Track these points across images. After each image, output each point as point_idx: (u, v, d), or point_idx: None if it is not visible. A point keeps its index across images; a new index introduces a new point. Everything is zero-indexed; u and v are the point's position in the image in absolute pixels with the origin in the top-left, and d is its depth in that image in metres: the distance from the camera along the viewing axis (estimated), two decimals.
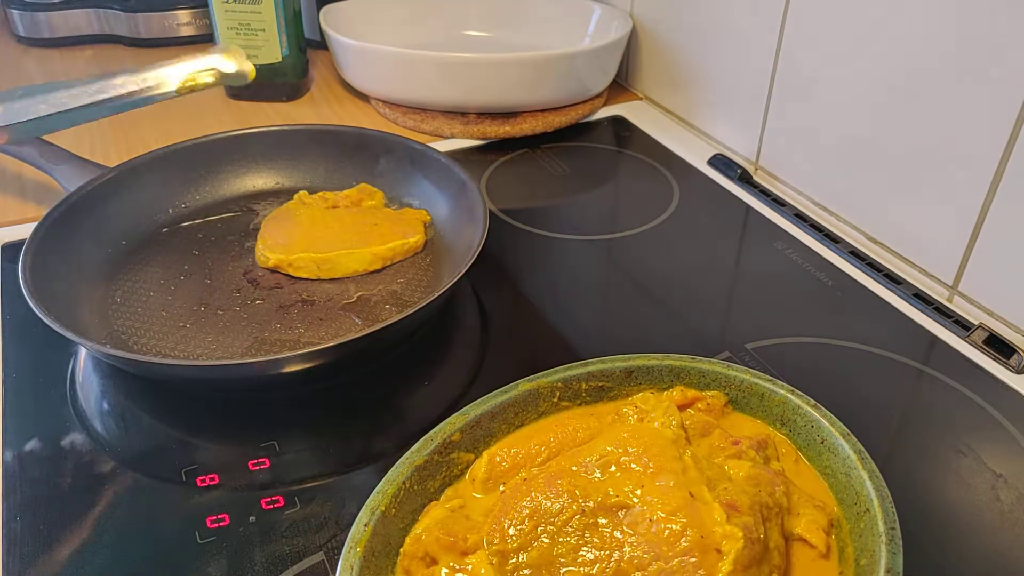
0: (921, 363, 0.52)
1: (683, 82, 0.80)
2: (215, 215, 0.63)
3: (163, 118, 0.80)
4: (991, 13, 0.50)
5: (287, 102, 0.84)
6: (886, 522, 0.34)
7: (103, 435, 0.46)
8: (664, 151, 0.77)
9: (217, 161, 0.64)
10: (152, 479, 0.43)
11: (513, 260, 0.61)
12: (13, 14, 0.94)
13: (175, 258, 0.58)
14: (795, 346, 0.53)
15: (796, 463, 0.40)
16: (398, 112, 0.79)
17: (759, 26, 0.68)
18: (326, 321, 0.53)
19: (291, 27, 0.81)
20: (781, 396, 0.41)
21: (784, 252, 0.62)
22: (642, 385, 0.43)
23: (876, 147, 0.60)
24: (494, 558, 0.34)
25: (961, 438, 0.46)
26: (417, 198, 0.64)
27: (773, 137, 0.71)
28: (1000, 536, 0.41)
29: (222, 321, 0.52)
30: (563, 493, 0.35)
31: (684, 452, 0.36)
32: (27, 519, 0.40)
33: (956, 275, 0.57)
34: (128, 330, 0.51)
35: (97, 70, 0.90)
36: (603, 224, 0.66)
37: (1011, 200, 0.52)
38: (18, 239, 0.60)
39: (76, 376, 0.49)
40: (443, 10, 0.93)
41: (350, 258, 0.56)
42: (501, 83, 0.75)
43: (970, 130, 0.53)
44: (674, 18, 0.80)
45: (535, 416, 0.42)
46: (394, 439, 0.45)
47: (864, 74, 0.60)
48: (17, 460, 0.44)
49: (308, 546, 0.39)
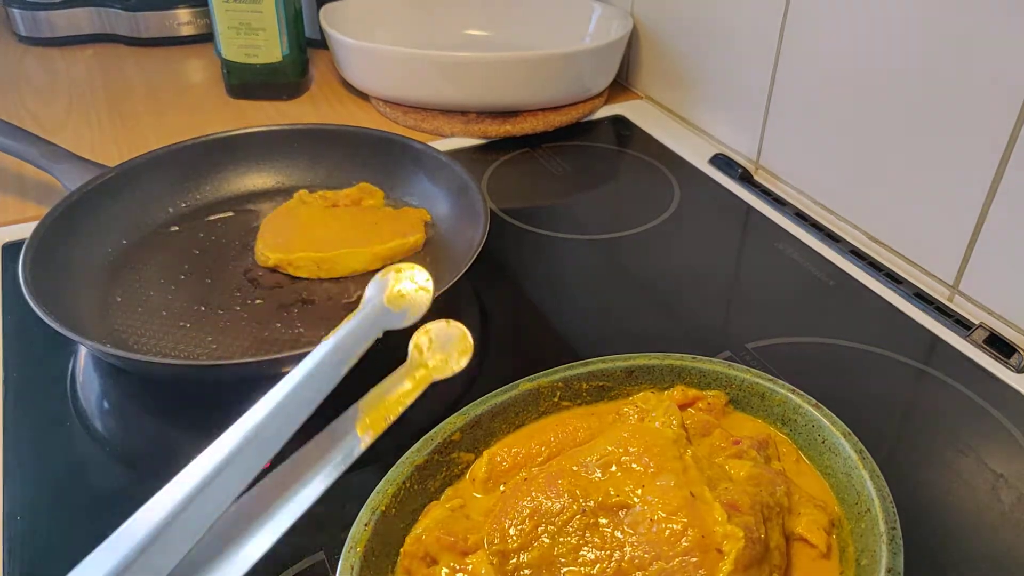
0: (922, 363, 0.52)
1: (684, 81, 0.80)
2: (215, 215, 0.63)
3: (163, 118, 0.80)
4: (991, 13, 0.50)
5: (287, 101, 0.84)
6: (887, 522, 0.34)
7: (103, 435, 0.46)
8: (665, 150, 0.77)
9: (217, 161, 0.64)
10: (152, 479, 0.43)
11: (513, 260, 0.61)
12: (14, 13, 0.94)
13: (175, 258, 0.58)
14: (796, 345, 0.53)
15: (797, 463, 0.40)
16: (398, 111, 0.79)
17: (760, 25, 0.68)
18: (326, 320, 0.53)
19: (291, 26, 0.81)
20: (782, 396, 0.41)
21: (785, 251, 0.62)
22: (643, 385, 0.43)
23: (877, 146, 0.60)
24: (494, 558, 0.34)
25: (961, 438, 0.46)
26: (417, 197, 0.64)
27: (774, 136, 0.71)
28: (1000, 536, 0.40)
29: (222, 321, 0.52)
30: (564, 493, 0.34)
31: (685, 452, 0.36)
32: (27, 519, 0.40)
33: (957, 274, 0.57)
34: (128, 330, 0.51)
35: (98, 69, 0.90)
36: (603, 224, 0.66)
37: (1011, 200, 0.52)
38: (18, 239, 0.60)
39: (76, 376, 0.49)
40: (443, 9, 0.93)
41: (350, 257, 0.56)
42: (501, 82, 0.75)
43: (970, 130, 0.53)
44: (675, 17, 0.80)
45: (536, 416, 0.42)
46: (394, 439, 0.45)
47: (864, 73, 0.60)
48: (17, 460, 0.43)
49: (308, 546, 0.39)
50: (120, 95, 0.85)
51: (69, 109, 0.82)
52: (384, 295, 0.35)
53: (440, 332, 0.35)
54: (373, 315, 0.35)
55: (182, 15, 0.96)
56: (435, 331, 0.35)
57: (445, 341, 0.35)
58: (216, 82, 0.87)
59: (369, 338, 0.35)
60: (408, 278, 0.35)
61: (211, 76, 0.89)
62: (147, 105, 0.83)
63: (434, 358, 0.35)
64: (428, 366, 0.34)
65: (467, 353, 0.34)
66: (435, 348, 0.35)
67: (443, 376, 0.34)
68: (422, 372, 0.34)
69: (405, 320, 0.34)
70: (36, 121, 0.79)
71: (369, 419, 0.33)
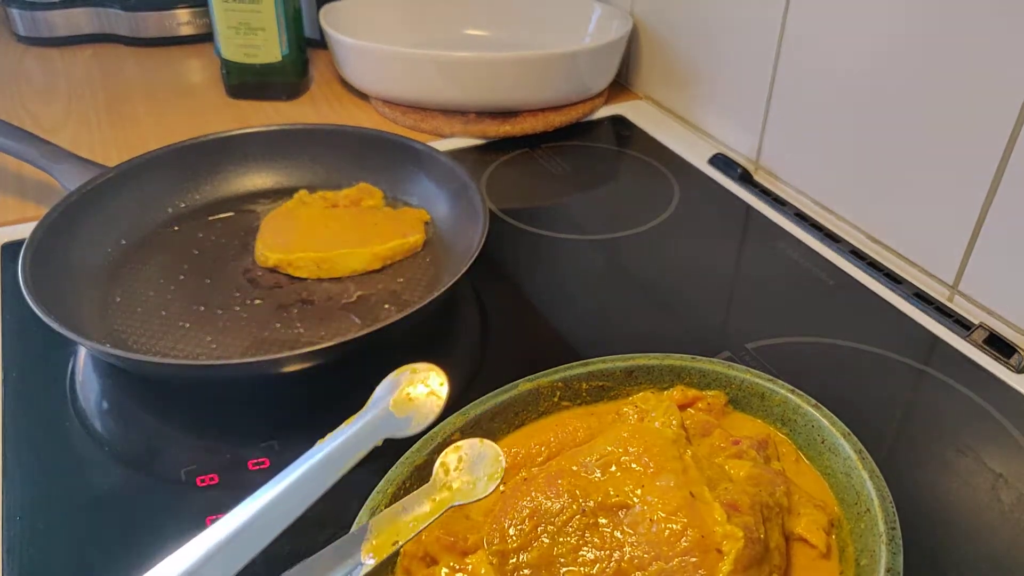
0: (921, 363, 0.52)
1: (683, 81, 0.80)
2: (215, 215, 0.63)
3: (163, 118, 0.80)
4: (992, 13, 0.50)
5: (287, 101, 0.84)
6: (886, 522, 0.34)
7: (103, 435, 0.46)
8: (664, 150, 0.77)
9: (217, 161, 0.64)
10: (152, 479, 0.43)
11: (513, 260, 0.61)
12: (13, 13, 0.94)
13: (175, 258, 0.58)
14: (795, 346, 0.53)
15: (796, 463, 0.40)
16: (398, 111, 0.79)
17: (760, 25, 0.68)
18: (326, 321, 0.53)
19: (291, 26, 0.81)
20: (781, 396, 0.41)
21: (784, 251, 0.62)
22: (642, 385, 0.43)
23: (877, 146, 0.60)
24: (494, 558, 0.34)
25: (961, 438, 0.46)
26: (417, 197, 0.64)
27: (773, 136, 0.71)
28: (1000, 536, 0.41)
29: (222, 321, 0.52)
30: (563, 493, 0.34)
31: (684, 452, 0.36)
32: (27, 519, 0.40)
33: (956, 274, 0.57)
34: (128, 330, 0.51)
35: (97, 69, 0.90)
36: (603, 224, 0.66)
37: (1011, 199, 0.52)
38: (18, 239, 0.60)
39: (76, 376, 0.49)
40: (443, 9, 0.93)
41: (350, 258, 0.56)
42: (501, 82, 0.75)
43: (970, 129, 0.53)
44: (675, 17, 0.80)
45: (535, 416, 0.42)
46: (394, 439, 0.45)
47: (865, 73, 0.60)
48: (17, 460, 0.43)
49: (308, 546, 0.39)
50: (120, 95, 0.85)
51: (68, 109, 0.82)
52: (392, 397, 0.32)
53: (471, 451, 0.32)
54: (376, 420, 0.33)
55: (181, 15, 0.96)
56: (466, 449, 0.32)
57: (475, 462, 0.32)
58: (216, 82, 0.87)
59: (367, 445, 0.32)
60: (421, 380, 0.32)
61: (211, 76, 0.89)
62: (147, 105, 0.83)
63: (460, 479, 0.31)
64: (452, 488, 0.31)
65: (496, 478, 0.31)
66: (464, 469, 0.32)
67: (467, 501, 0.30)
68: (445, 495, 0.31)
69: (410, 428, 0.32)
70: (36, 121, 0.79)
71: (377, 541, 0.30)
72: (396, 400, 0.32)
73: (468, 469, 0.31)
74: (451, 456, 0.31)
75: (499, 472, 0.30)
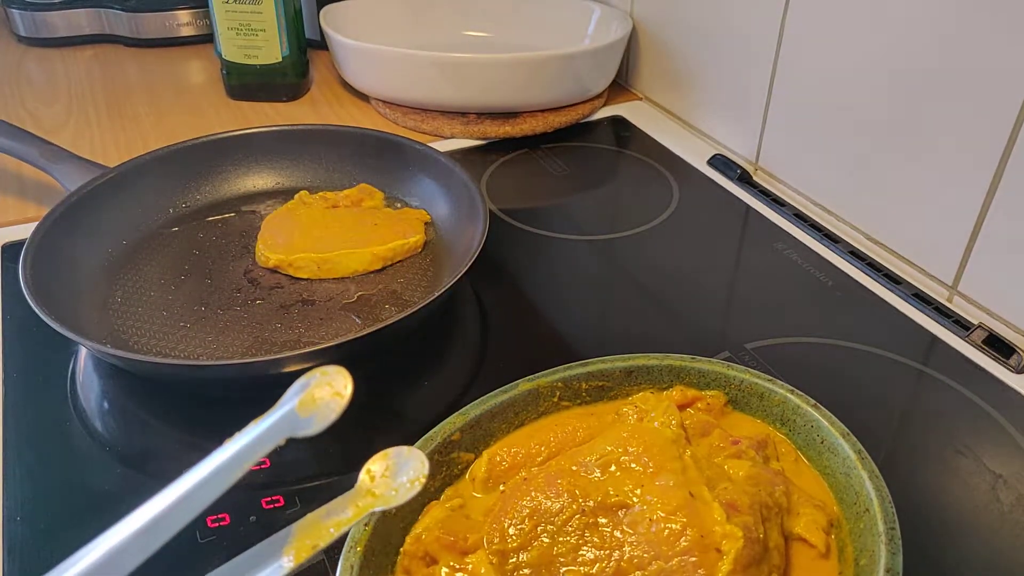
0: (921, 363, 0.52)
1: (683, 82, 0.81)
2: (215, 215, 0.63)
3: (163, 118, 0.80)
4: (992, 12, 0.50)
5: (287, 102, 0.84)
6: (886, 522, 0.34)
7: (103, 435, 0.46)
8: (664, 151, 0.77)
9: (217, 161, 0.64)
10: (152, 479, 0.43)
11: (513, 260, 0.61)
12: (13, 14, 0.94)
13: (175, 258, 0.58)
14: (795, 346, 0.53)
15: (796, 463, 0.40)
16: (398, 112, 0.79)
17: (759, 26, 0.68)
18: (326, 321, 0.53)
19: (291, 27, 0.81)
20: (781, 396, 0.41)
21: (784, 252, 0.62)
22: (642, 385, 0.43)
23: (876, 146, 0.60)
24: (494, 557, 0.34)
25: (961, 438, 0.46)
26: (417, 198, 0.64)
27: (773, 137, 0.71)
28: (1000, 536, 0.41)
29: (222, 321, 0.52)
30: (563, 493, 0.35)
31: (684, 452, 0.36)
32: (27, 519, 0.40)
33: (956, 275, 0.57)
34: (128, 330, 0.51)
35: (98, 70, 0.90)
36: (603, 224, 0.66)
37: (1011, 200, 0.52)
38: (18, 239, 0.60)
39: (76, 376, 0.49)
40: (443, 10, 0.93)
41: (350, 258, 0.56)
42: (501, 83, 0.75)
43: (970, 129, 0.53)
44: (674, 18, 0.80)
45: (535, 416, 0.42)
46: (394, 439, 0.45)
47: (864, 74, 0.60)
48: (17, 460, 0.44)
49: None
50: (120, 96, 0.85)
51: (69, 109, 0.82)
52: (298, 398, 0.31)
53: (398, 458, 0.32)
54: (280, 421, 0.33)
55: (182, 16, 0.96)
56: (393, 456, 0.32)
57: (400, 468, 0.31)
58: (216, 83, 0.87)
59: (270, 445, 0.31)
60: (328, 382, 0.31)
61: (211, 77, 0.90)
62: (147, 106, 0.83)
63: (383, 485, 0.31)
64: (375, 494, 0.31)
65: (419, 482, 0.31)
66: (388, 475, 0.31)
67: (388, 507, 0.31)
68: (367, 500, 0.31)
69: (312, 428, 0.31)
70: (36, 121, 0.79)
71: (298, 544, 0.31)
72: (302, 401, 0.32)
73: (393, 475, 0.31)
74: (377, 464, 0.32)
75: (422, 477, 0.31)
